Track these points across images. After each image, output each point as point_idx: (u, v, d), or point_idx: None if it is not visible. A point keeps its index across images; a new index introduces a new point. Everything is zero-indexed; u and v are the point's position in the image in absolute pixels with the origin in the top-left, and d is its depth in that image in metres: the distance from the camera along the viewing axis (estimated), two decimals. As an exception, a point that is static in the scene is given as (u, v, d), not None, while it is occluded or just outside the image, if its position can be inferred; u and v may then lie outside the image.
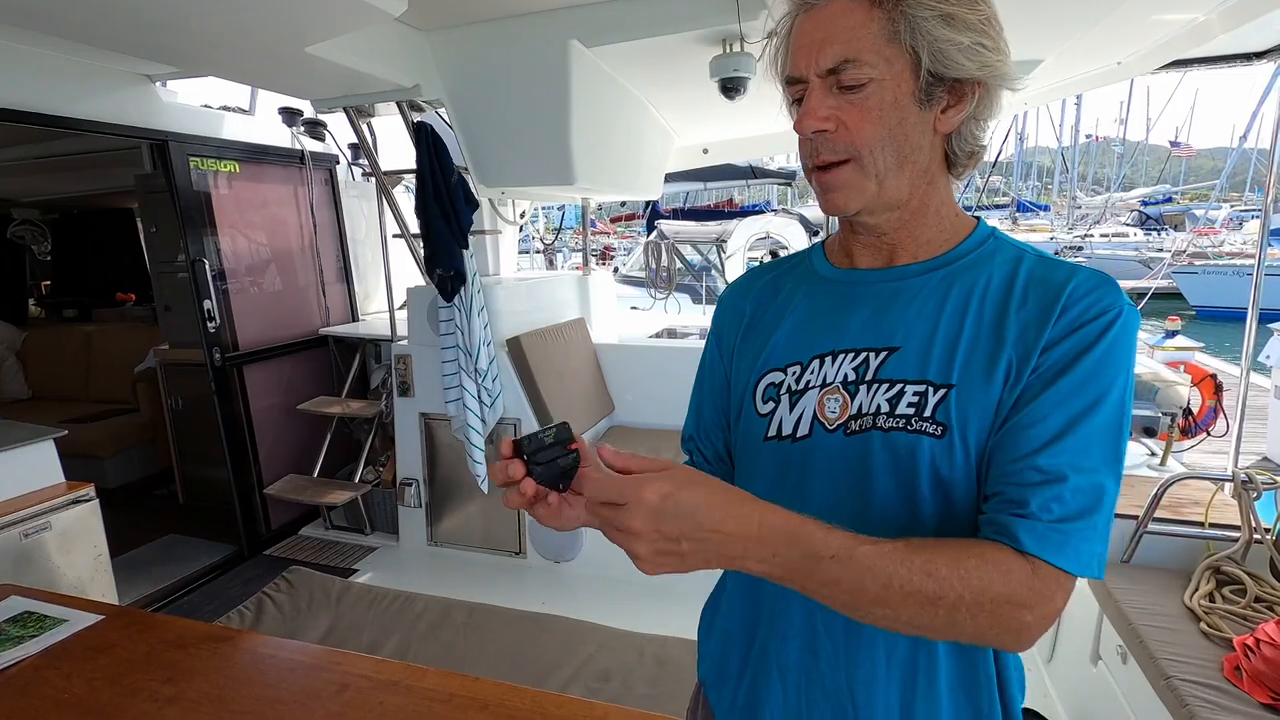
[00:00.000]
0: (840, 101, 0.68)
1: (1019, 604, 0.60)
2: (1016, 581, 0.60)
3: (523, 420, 3.20)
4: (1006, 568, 0.60)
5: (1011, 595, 0.59)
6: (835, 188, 0.72)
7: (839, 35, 0.67)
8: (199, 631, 1.51)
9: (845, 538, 0.60)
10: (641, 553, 0.58)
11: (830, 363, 0.75)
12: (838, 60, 0.67)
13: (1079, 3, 2.04)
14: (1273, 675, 1.58)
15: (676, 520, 0.57)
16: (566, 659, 2.00)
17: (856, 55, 0.66)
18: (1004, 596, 0.59)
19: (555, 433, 0.63)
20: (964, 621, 0.60)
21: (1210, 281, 13.75)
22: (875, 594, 0.59)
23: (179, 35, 2.02)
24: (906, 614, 0.60)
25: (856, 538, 0.60)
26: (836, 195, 0.72)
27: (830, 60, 0.67)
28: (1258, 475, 2.07)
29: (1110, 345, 0.64)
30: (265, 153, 3.61)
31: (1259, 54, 2.94)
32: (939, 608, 0.59)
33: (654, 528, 0.57)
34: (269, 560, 3.44)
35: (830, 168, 0.71)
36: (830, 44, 0.67)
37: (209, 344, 3.28)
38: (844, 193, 0.71)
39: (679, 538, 0.57)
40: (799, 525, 0.60)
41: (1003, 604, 0.59)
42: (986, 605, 0.59)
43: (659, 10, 2.38)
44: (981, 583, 0.59)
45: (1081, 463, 0.62)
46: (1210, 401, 4.28)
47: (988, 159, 28.94)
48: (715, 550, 0.58)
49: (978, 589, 0.59)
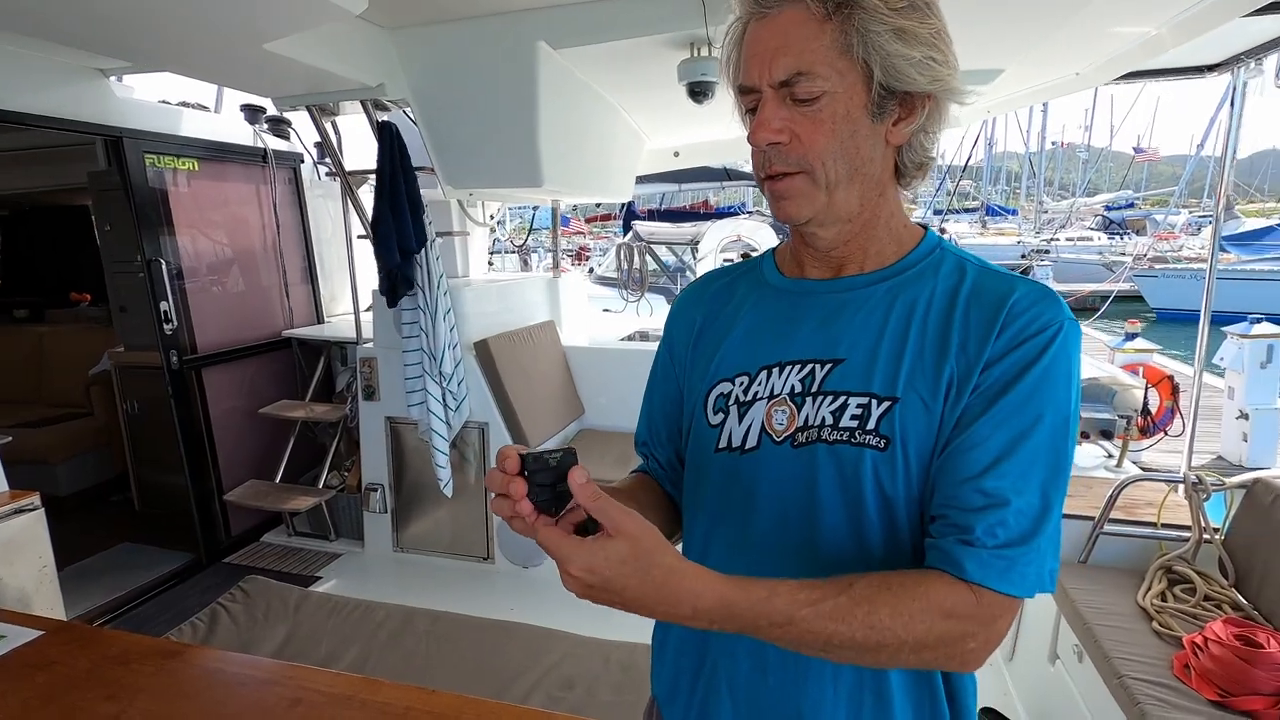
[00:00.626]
0: (793, 113, 0.68)
1: (962, 635, 0.62)
2: (960, 616, 0.61)
3: (490, 424, 3.17)
4: (950, 605, 0.61)
5: (953, 631, 0.61)
6: (787, 196, 0.71)
7: (792, 46, 0.66)
8: (145, 646, 1.46)
9: (786, 601, 0.60)
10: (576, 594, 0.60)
11: (777, 374, 0.75)
12: (790, 72, 0.66)
13: (1035, 15, 2.08)
14: (1220, 673, 1.62)
15: (605, 594, 0.59)
16: (530, 667, 1.98)
17: (809, 68, 0.66)
18: (946, 635, 0.61)
19: (561, 457, 0.62)
20: (908, 658, 0.62)
21: (1170, 285, 14.16)
22: (817, 648, 0.62)
23: (131, 30, 1.96)
24: (849, 658, 0.63)
25: (797, 598, 0.60)
26: (788, 204, 0.72)
27: (783, 72, 0.67)
28: (1206, 477, 2.13)
29: (1051, 361, 0.65)
30: (226, 150, 3.53)
31: (1210, 67, 3.04)
32: (881, 653, 0.61)
33: (583, 593, 0.59)
34: (228, 569, 3.36)
35: (782, 177, 0.70)
36: (783, 55, 0.66)
37: (166, 346, 3.19)
38: (795, 202, 0.71)
39: (606, 600, 0.60)
40: (736, 599, 0.60)
41: (945, 639, 0.62)
42: (930, 644, 0.61)
43: (626, 13, 2.37)
44: (924, 626, 0.61)
45: (1024, 485, 0.63)
46: (1168, 402, 4.40)
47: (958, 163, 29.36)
48: (644, 613, 0.61)
49: (920, 633, 0.61)
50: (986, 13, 2.10)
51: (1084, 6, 1.98)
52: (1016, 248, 20.23)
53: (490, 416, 3.17)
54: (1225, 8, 2.05)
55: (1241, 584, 2.02)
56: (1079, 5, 1.98)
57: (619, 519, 0.59)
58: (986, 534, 0.62)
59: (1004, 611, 0.63)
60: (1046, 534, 0.63)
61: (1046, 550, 0.64)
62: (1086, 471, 2.93)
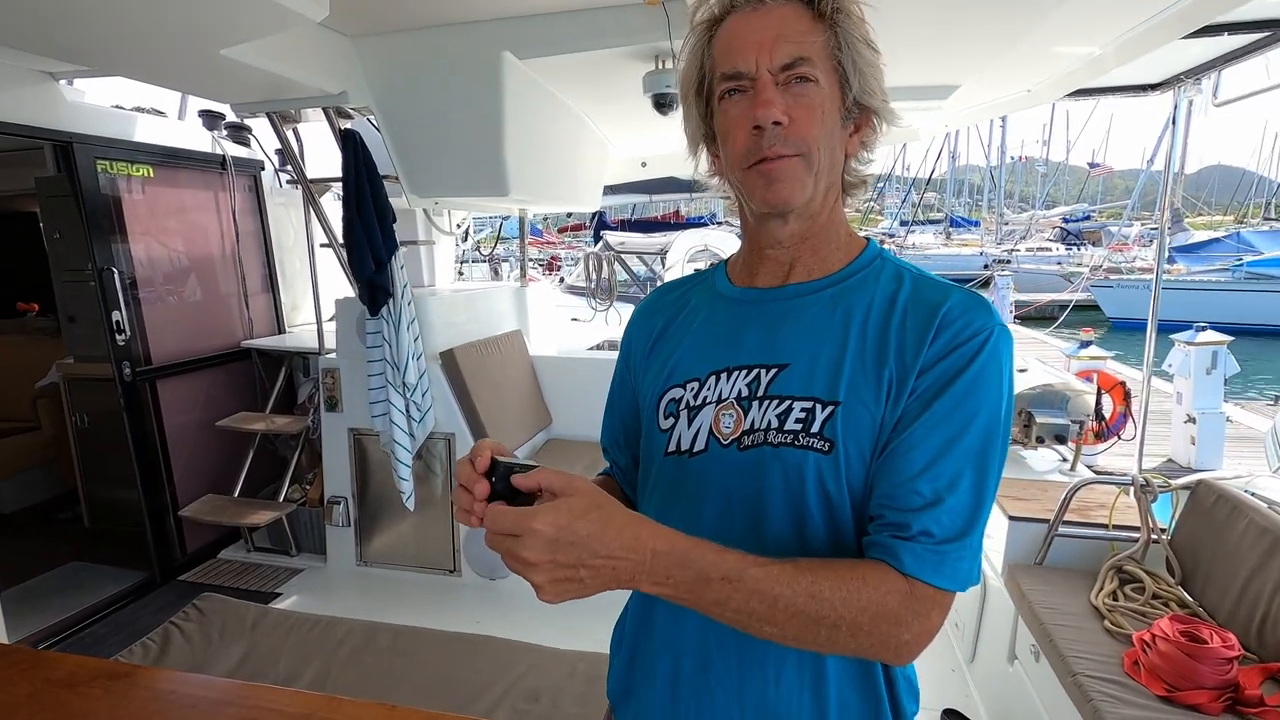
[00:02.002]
0: (789, 99, 0.69)
1: (896, 623, 0.63)
2: (895, 602, 0.63)
3: (456, 435, 3.13)
4: (886, 589, 0.63)
5: (889, 614, 0.63)
6: (783, 178, 0.71)
7: (793, 36, 0.69)
8: (91, 669, 1.40)
9: (737, 560, 0.62)
10: (540, 582, 0.58)
11: (725, 379, 0.77)
12: (793, 57, 0.68)
13: (988, 35, 2.15)
14: (1167, 669, 1.68)
15: (571, 549, 0.57)
16: (496, 680, 1.96)
17: (809, 56, 0.68)
18: (882, 616, 0.63)
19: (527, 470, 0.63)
20: (845, 639, 0.63)
21: (1124, 294, 14.67)
22: (762, 613, 0.62)
23: (81, 33, 1.90)
24: (792, 631, 0.63)
25: (747, 559, 0.62)
26: (783, 186, 0.71)
27: (787, 56, 0.68)
28: (1154, 479, 2.20)
29: (983, 366, 0.67)
30: (183, 157, 3.45)
31: (1153, 86, 3.18)
32: (821, 626, 0.62)
33: (549, 558, 0.57)
34: (183, 587, 3.25)
35: (779, 159, 0.70)
36: (784, 42, 0.68)
37: (118, 357, 3.10)
38: (790, 184, 0.71)
39: (576, 565, 0.58)
40: (690, 548, 0.61)
41: (881, 623, 0.63)
42: (866, 625, 0.63)
43: (591, 25, 2.39)
44: (862, 603, 0.62)
45: (957, 484, 0.65)
46: (1121, 407, 4.55)
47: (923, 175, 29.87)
48: (611, 575, 0.59)
49: (858, 609, 0.62)
50: (943, 32, 2.17)
51: (1033, 28, 2.06)
52: (979, 258, 20.77)
53: (457, 427, 3.13)
54: (1164, 30, 2.14)
55: (1187, 582, 2.09)
56: (1029, 27, 2.06)
57: (568, 479, 0.60)
58: (922, 532, 0.65)
59: (935, 605, 0.65)
60: (976, 533, 0.67)
61: (974, 548, 0.67)
62: (1042, 475, 3.01)
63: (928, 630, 0.65)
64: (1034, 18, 1.98)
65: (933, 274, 0.76)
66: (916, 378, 0.68)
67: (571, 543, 0.57)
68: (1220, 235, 19.96)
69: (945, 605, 0.66)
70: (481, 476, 0.63)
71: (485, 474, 0.63)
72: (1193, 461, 5.36)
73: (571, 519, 0.57)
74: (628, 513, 0.61)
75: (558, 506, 0.58)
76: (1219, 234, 20.70)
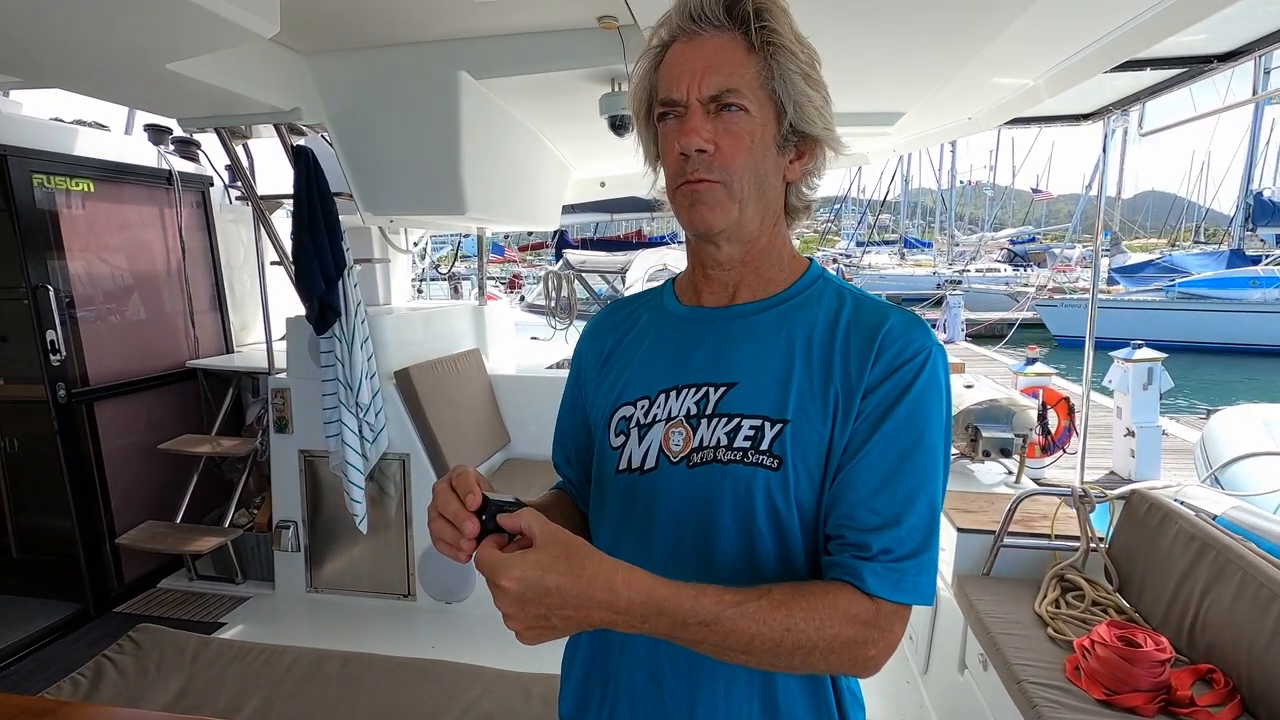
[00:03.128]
0: (717, 127, 0.72)
1: (865, 642, 0.66)
2: (863, 623, 0.66)
3: (411, 455, 3.08)
4: (855, 612, 0.66)
5: (858, 636, 0.66)
6: (704, 201, 0.73)
7: (722, 67, 0.71)
8: (13, 706, 1.33)
9: (713, 601, 0.63)
10: (515, 628, 0.61)
11: (675, 397, 0.78)
12: (720, 88, 0.71)
13: (929, 65, 2.26)
14: (1105, 673, 1.73)
15: (539, 603, 0.59)
16: (448, 706, 1.91)
17: (737, 88, 0.71)
18: (852, 639, 0.66)
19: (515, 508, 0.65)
20: (818, 662, 0.66)
21: (1067, 313, 15.30)
22: (738, 647, 0.64)
23: (15, 43, 1.84)
24: (767, 660, 0.65)
25: (723, 599, 0.63)
26: (704, 209, 0.74)
27: (714, 88, 0.71)
28: (1091, 490, 2.29)
29: (924, 385, 0.70)
30: (126, 172, 3.35)
31: (1086, 115, 3.36)
32: (795, 655, 0.65)
33: (519, 610, 0.60)
34: (119, 619, 3.09)
35: (700, 182, 0.73)
36: (713, 73, 0.71)
37: (52, 378, 2.96)
38: (710, 209, 0.74)
39: (545, 615, 0.60)
40: (666, 596, 0.62)
41: (851, 644, 0.66)
42: (838, 648, 0.66)
43: (547, 47, 2.42)
44: (834, 630, 0.65)
45: (912, 502, 0.69)
46: (1065, 422, 4.73)
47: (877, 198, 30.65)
48: (584, 622, 0.62)
49: (830, 636, 0.65)
50: (887, 63, 2.26)
51: (971, 59, 2.16)
52: (933, 278, 21.46)
53: (412, 448, 3.08)
54: (1090, 64, 2.27)
55: (1124, 588, 2.17)
56: (967, 58, 2.16)
57: (542, 527, 0.62)
58: (881, 550, 0.67)
59: (899, 620, 0.68)
60: (933, 547, 0.70)
61: (931, 561, 0.70)
62: (988, 488, 3.10)
63: (892, 643, 0.68)
64: (971, 50, 2.08)
65: (871, 294, 0.80)
66: (862, 399, 0.71)
67: (537, 599, 0.59)
68: (1154, 257, 21.05)
69: (906, 618, 0.69)
70: (472, 515, 0.64)
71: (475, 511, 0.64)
72: (1133, 473, 5.59)
73: (540, 573, 0.59)
74: (600, 561, 0.62)
75: (526, 560, 0.59)
76: (1153, 256, 21.83)
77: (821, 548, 0.73)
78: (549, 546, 0.61)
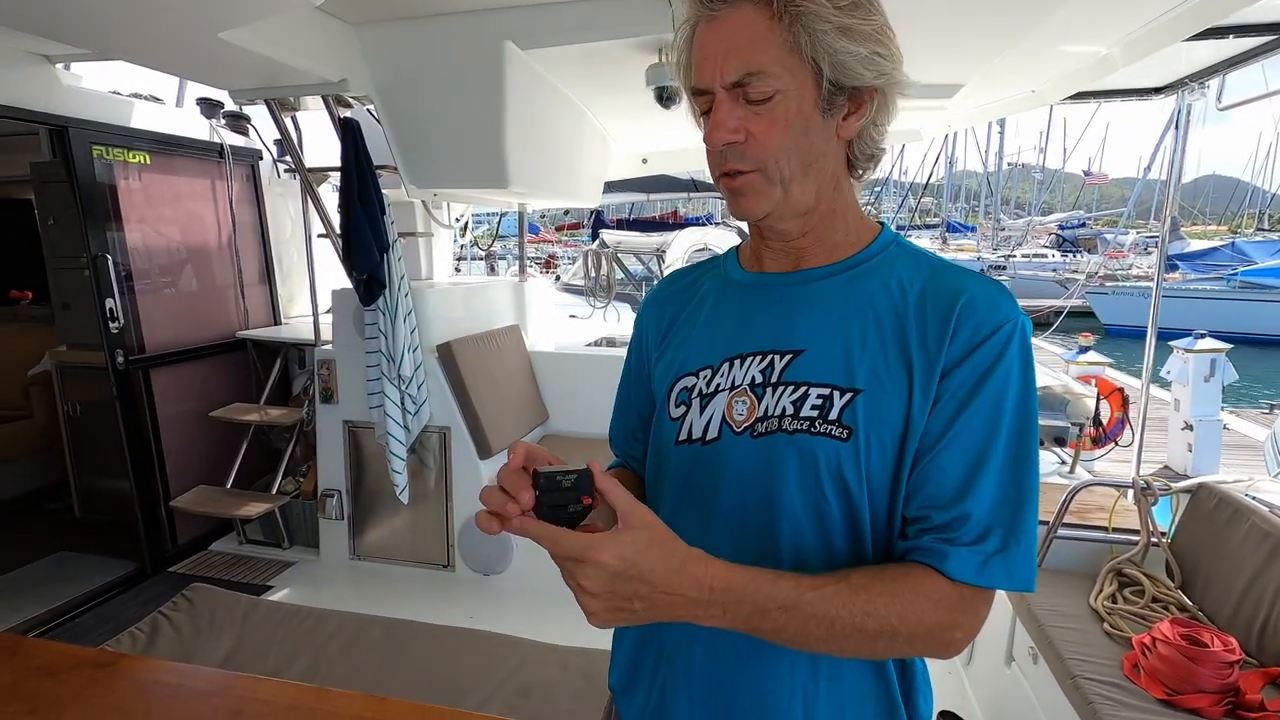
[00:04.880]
0: (747, 112, 0.68)
1: (950, 625, 0.64)
2: (947, 607, 0.64)
3: (452, 429, 3.11)
4: (939, 596, 0.64)
5: (943, 620, 0.64)
6: (743, 193, 0.72)
7: (741, 47, 0.66)
8: (73, 657, 1.38)
9: (791, 586, 0.62)
10: (594, 609, 0.60)
11: (739, 365, 0.75)
12: (742, 73, 0.67)
13: (992, 31, 2.14)
14: (1167, 672, 1.66)
15: (631, 584, 0.59)
16: (487, 675, 1.93)
17: (760, 68, 0.66)
18: (937, 623, 0.64)
19: (575, 480, 0.62)
20: (901, 647, 0.65)
21: (1119, 301, 14.72)
22: (820, 635, 0.63)
23: (74, 11, 1.87)
24: (850, 646, 0.64)
25: (802, 583, 0.63)
26: (744, 200, 0.72)
27: (734, 73, 0.67)
28: (1154, 482, 2.19)
29: (1009, 362, 0.66)
30: (180, 144, 3.41)
31: (1157, 89, 3.17)
32: (878, 641, 0.63)
33: (609, 589, 0.59)
34: (173, 578, 3.22)
35: (737, 175, 0.71)
36: (733, 56, 0.67)
37: (111, 346, 3.06)
38: (750, 198, 0.72)
39: (632, 598, 0.59)
40: (746, 582, 0.62)
41: (935, 629, 0.64)
42: (921, 634, 0.64)
43: (594, 15, 2.37)
44: (917, 615, 0.63)
45: (1001, 485, 0.65)
46: (1118, 413, 4.56)
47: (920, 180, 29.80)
48: (666, 609, 0.61)
49: (914, 622, 0.63)
50: (946, 29, 2.15)
51: (1039, 24, 2.04)
52: (975, 263, 20.82)
53: (452, 421, 3.11)
54: (1170, 30, 2.13)
55: (1187, 586, 2.08)
56: (1034, 23, 2.04)
57: (638, 509, 0.61)
58: (967, 535, 0.65)
59: (983, 602, 0.66)
60: (1024, 529, 0.66)
61: (1026, 545, 0.66)
62: (1041, 477, 3.00)
63: (977, 625, 0.66)
64: (1039, 13, 1.97)
65: (950, 261, 0.75)
66: (942, 377, 0.67)
67: (633, 578, 0.58)
68: (1217, 244, 20.06)
69: (990, 599, 0.67)
70: (528, 485, 0.62)
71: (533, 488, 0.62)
72: (1189, 468, 5.36)
73: (636, 553, 0.58)
74: (686, 551, 0.62)
75: (622, 539, 0.59)
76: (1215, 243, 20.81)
77: (897, 530, 0.70)
78: (643, 529, 0.60)
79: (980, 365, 0.66)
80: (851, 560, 0.70)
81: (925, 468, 0.67)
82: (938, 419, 0.67)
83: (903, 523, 0.70)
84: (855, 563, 0.70)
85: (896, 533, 0.70)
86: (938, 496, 0.66)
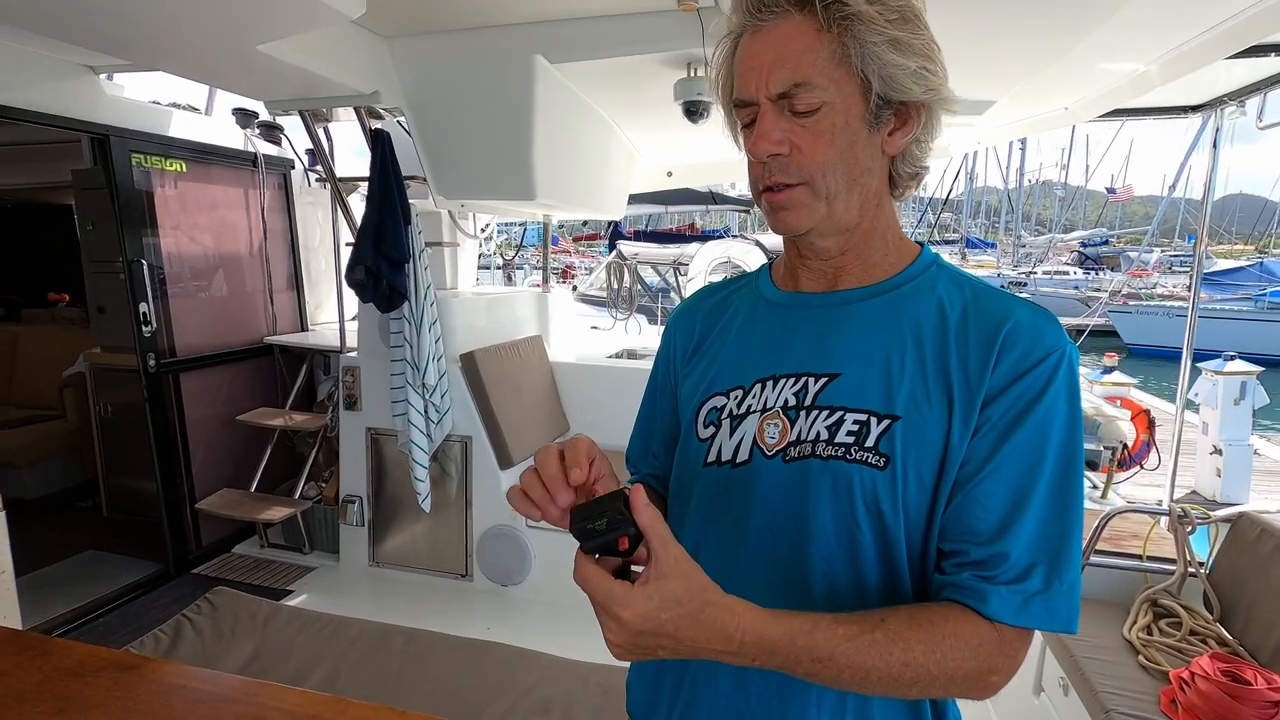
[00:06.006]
0: (793, 125, 0.67)
1: (989, 670, 0.62)
2: (986, 653, 0.62)
3: (474, 438, 3.11)
4: (979, 642, 0.62)
5: (981, 666, 0.62)
6: (787, 207, 0.70)
7: (789, 58, 0.65)
8: (100, 659, 1.38)
9: (825, 636, 0.59)
10: (616, 651, 0.59)
11: (771, 387, 0.74)
12: (788, 84, 0.65)
13: (1030, 50, 2.12)
14: (1206, 709, 1.61)
15: (655, 638, 0.57)
16: (507, 689, 1.92)
17: (807, 79, 0.65)
18: (975, 670, 0.62)
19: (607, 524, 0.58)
20: (937, 692, 0.63)
21: (1143, 321, 14.45)
22: (853, 682, 0.61)
23: (118, 23, 1.92)
24: (882, 690, 0.62)
25: (836, 632, 0.59)
26: (787, 215, 0.71)
27: (781, 84, 0.66)
28: (1192, 510, 2.13)
29: (1056, 392, 0.64)
30: (216, 153, 3.48)
31: (1195, 107, 3.12)
32: (913, 688, 0.61)
33: (632, 642, 0.57)
34: (197, 580, 3.25)
35: (782, 188, 0.69)
36: (780, 67, 0.65)
37: (144, 349, 3.12)
38: (794, 212, 0.70)
39: (656, 648, 0.58)
40: (778, 637, 0.59)
41: (973, 675, 0.62)
42: (959, 680, 0.62)
43: (624, 31, 2.38)
44: (955, 662, 0.61)
45: (1044, 521, 0.63)
46: (1144, 436, 4.45)
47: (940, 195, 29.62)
48: (691, 654, 0.59)
49: (952, 669, 0.61)
50: (982, 45, 2.13)
51: (1077, 43, 2.02)
52: (995, 280, 20.57)
53: (474, 430, 3.11)
54: (1212, 48, 2.09)
55: (1227, 619, 2.02)
56: (1073, 42, 2.02)
57: (675, 555, 0.57)
58: (1007, 574, 0.62)
59: (1022, 644, 0.64)
60: (1067, 569, 0.63)
61: (1069, 585, 0.63)
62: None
63: (1014, 668, 0.64)
64: (1079, 33, 1.94)
65: (994, 285, 0.73)
66: (984, 406, 0.65)
67: (656, 633, 0.56)
68: (1244, 264, 19.66)
69: (1029, 641, 0.64)
70: (570, 489, 0.61)
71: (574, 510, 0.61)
72: (1218, 494, 5.22)
73: (662, 610, 0.56)
74: (718, 603, 0.58)
75: (650, 594, 0.56)
76: (1242, 262, 20.39)
77: (933, 564, 0.68)
78: (672, 580, 0.56)
79: (1025, 394, 0.64)
80: (884, 591, 0.68)
81: (964, 499, 0.65)
82: (978, 448, 0.64)
83: (938, 555, 0.67)
84: (887, 594, 0.68)
85: (932, 566, 0.68)
86: (977, 531, 0.64)
